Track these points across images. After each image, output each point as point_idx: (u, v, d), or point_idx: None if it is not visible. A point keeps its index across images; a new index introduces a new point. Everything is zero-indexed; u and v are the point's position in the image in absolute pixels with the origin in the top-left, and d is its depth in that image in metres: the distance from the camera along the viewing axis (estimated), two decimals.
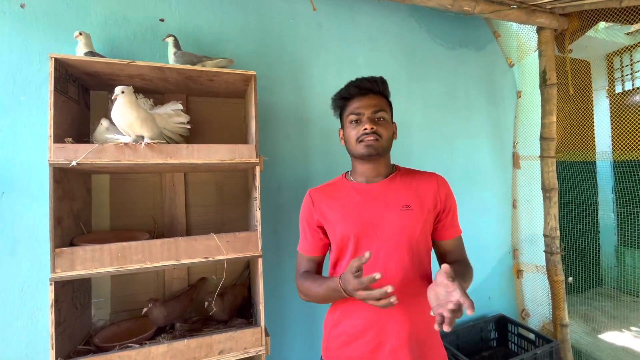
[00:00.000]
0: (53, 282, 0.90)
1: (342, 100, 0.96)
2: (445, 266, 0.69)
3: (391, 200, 0.91)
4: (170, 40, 1.22)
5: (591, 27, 1.85)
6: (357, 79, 0.94)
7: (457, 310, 0.65)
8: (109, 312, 1.23)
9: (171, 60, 1.19)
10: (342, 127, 0.98)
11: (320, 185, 1.03)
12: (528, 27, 2.04)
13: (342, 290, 0.78)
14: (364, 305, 0.86)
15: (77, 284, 1.08)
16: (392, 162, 1.02)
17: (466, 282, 0.87)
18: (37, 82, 1.19)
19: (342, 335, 0.92)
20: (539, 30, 1.92)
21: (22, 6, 1.18)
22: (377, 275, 0.68)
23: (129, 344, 1.02)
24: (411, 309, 0.86)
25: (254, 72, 1.16)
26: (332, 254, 0.97)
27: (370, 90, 0.92)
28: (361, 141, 0.90)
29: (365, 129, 0.88)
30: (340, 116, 1.00)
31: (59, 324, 0.93)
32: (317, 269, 1.01)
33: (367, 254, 0.69)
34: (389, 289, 0.67)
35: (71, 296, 1.04)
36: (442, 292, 0.69)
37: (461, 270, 0.88)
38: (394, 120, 0.99)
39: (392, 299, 0.67)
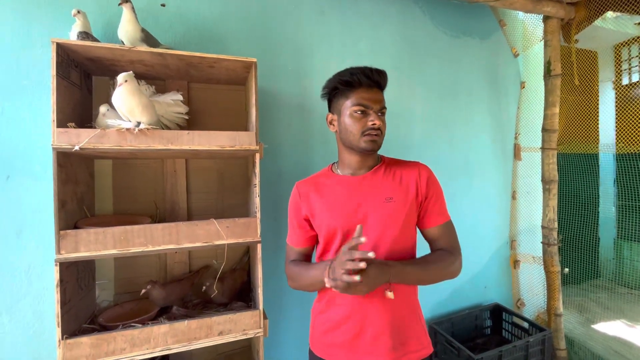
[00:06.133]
0: (58, 263, 0.93)
1: (345, 86, 0.90)
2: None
3: (374, 192, 0.92)
4: (127, 7, 1.11)
5: (599, 16, 1.82)
6: (365, 68, 0.89)
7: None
8: (112, 293, 1.27)
9: (131, 35, 1.11)
10: (337, 112, 0.94)
11: (308, 178, 1.04)
12: (534, 15, 2.00)
13: (327, 272, 0.79)
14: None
15: (81, 266, 1.11)
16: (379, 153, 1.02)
17: (425, 272, 0.87)
18: (40, 67, 1.19)
19: (327, 322, 0.95)
20: (545, 19, 1.89)
21: None
22: (362, 239, 0.73)
23: (132, 324, 1.06)
24: (393, 298, 0.86)
25: (254, 59, 1.16)
26: (319, 246, 0.99)
27: (378, 83, 0.90)
28: (366, 135, 0.88)
29: (375, 124, 0.87)
30: (333, 100, 0.96)
31: (64, 303, 0.96)
32: (305, 260, 1.03)
33: (362, 239, 0.72)
34: (370, 254, 0.72)
35: (76, 277, 1.07)
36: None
37: (427, 259, 0.90)
38: None
39: (363, 239, 0.72)
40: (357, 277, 0.71)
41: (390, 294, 0.79)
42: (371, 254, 0.71)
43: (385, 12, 1.80)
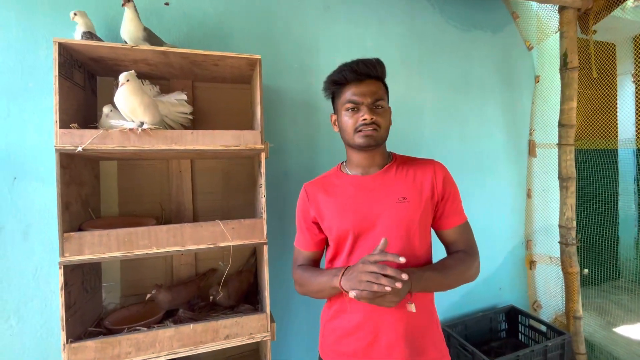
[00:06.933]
0: (62, 266, 0.92)
1: (335, 85, 0.89)
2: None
3: (387, 192, 0.87)
4: (130, 7, 1.09)
5: (618, 5, 1.74)
6: (353, 62, 0.86)
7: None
8: (119, 296, 1.25)
9: (133, 35, 1.09)
10: (336, 113, 0.93)
11: (316, 179, 1.00)
12: (549, 6, 1.93)
13: (339, 281, 0.78)
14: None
15: (86, 268, 1.10)
16: (389, 150, 0.98)
17: (444, 278, 0.82)
18: (45, 68, 1.19)
19: (338, 329, 0.90)
20: (561, 10, 1.81)
21: None
22: (402, 259, 0.68)
23: (138, 327, 1.04)
24: (415, 311, 0.81)
25: (259, 56, 1.13)
26: (329, 249, 0.95)
27: (367, 75, 0.85)
28: (359, 131, 0.85)
29: (365, 119, 0.83)
30: (333, 101, 0.94)
31: (69, 306, 0.95)
32: (313, 265, 1.00)
33: (402, 259, 0.69)
34: (404, 275, 0.68)
35: (81, 280, 1.06)
36: None
37: (446, 264, 0.85)
38: (389, 105, 0.93)
39: (397, 283, 0.67)
40: (388, 288, 0.67)
41: (412, 307, 0.74)
42: (405, 276, 0.68)
43: (392, 5, 1.75)
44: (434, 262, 0.89)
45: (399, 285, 0.67)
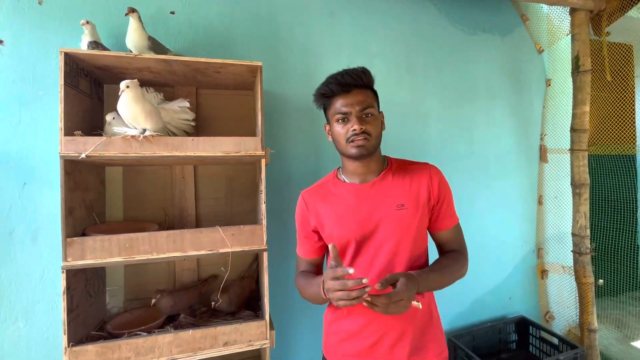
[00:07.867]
0: (65, 270, 0.94)
1: (324, 97, 0.91)
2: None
3: (385, 200, 0.89)
4: (134, 16, 1.11)
5: (633, 6, 1.68)
6: (338, 74, 0.87)
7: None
8: (122, 300, 1.27)
9: (138, 43, 1.12)
10: (328, 123, 0.94)
11: (313, 186, 1.01)
12: (560, 8, 1.88)
13: (322, 292, 0.78)
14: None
15: (90, 273, 1.12)
16: (387, 155, 1.00)
17: (444, 277, 0.86)
18: (54, 77, 1.22)
19: (341, 331, 0.92)
20: (572, 11, 1.77)
21: (39, 2, 1.22)
22: (351, 270, 0.69)
23: (138, 332, 1.05)
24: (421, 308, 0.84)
25: (259, 63, 1.14)
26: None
27: (353, 85, 0.86)
28: (351, 141, 0.86)
29: (355, 129, 0.84)
30: (325, 112, 0.95)
31: (71, 310, 0.96)
32: (315, 270, 1.01)
33: (351, 270, 0.69)
34: (364, 280, 0.68)
35: (84, 284, 1.07)
36: None
37: (444, 263, 0.90)
38: (380, 110, 0.94)
39: (367, 289, 0.68)
40: (366, 293, 0.69)
41: (418, 304, 0.75)
42: (365, 280, 0.68)
43: (397, 10, 1.74)
44: (431, 262, 0.92)
45: (368, 290, 0.68)
